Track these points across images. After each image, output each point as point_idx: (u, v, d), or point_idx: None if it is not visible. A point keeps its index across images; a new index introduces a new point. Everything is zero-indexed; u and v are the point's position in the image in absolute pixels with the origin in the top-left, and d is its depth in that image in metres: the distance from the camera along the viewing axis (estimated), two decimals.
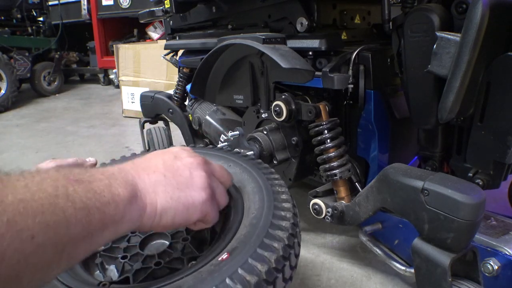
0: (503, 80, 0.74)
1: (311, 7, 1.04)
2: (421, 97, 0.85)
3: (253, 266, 0.49)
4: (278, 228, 0.57)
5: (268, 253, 0.52)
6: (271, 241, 0.54)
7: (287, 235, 0.56)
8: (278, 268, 0.52)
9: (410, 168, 0.75)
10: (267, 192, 0.66)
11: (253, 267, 0.49)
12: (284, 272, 0.54)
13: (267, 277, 0.49)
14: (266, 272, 0.49)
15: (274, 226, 0.57)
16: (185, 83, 1.65)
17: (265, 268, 0.50)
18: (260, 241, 0.53)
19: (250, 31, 1.24)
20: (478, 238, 0.83)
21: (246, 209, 0.64)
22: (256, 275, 0.49)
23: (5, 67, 3.67)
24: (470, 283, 0.71)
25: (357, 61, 0.97)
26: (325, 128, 0.95)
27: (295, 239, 0.58)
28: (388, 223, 1.03)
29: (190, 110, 1.56)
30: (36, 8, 4.77)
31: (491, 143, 0.78)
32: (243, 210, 0.65)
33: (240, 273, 0.48)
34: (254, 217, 0.60)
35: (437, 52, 0.75)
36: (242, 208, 0.65)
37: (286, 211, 0.61)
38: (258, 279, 0.48)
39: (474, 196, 0.65)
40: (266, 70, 1.07)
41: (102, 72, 4.93)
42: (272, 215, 0.59)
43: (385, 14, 0.96)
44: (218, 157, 0.82)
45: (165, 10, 1.44)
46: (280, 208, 0.61)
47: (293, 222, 0.60)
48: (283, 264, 0.53)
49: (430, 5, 0.79)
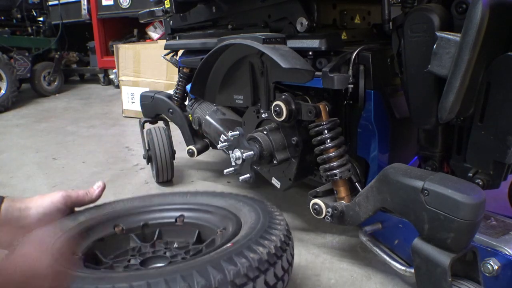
0: (503, 80, 0.74)
1: (311, 7, 1.04)
2: (421, 97, 0.85)
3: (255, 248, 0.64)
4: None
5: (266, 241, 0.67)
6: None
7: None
8: (277, 253, 0.67)
9: (410, 168, 0.76)
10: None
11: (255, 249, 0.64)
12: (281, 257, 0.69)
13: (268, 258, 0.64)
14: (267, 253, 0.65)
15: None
16: (185, 83, 1.65)
17: (266, 250, 0.65)
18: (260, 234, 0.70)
19: (250, 31, 1.24)
20: (478, 238, 0.83)
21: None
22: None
23: (5, 67, 3.67)
24: (470, 283, 0.71)
25: (357, 61, 0.97)
26: (325, 128, 0.95)
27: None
28: (388, 223, 1.03)
29: (190, 110, 1.56)
30: (36, 8, 4.77)
31: (491, 143, 0.78)
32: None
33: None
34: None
35: (437, 52, 0.75)
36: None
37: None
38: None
39: (474, 196, 0.65)
40: (266, 70, 1.07)
41: (102, 72, 4.92)
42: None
43: (385, 14, 0.96)
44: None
45: (165, 10, 1.44)
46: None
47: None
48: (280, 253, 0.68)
49: (430, 5, 0.79)
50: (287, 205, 1.48)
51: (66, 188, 1.72)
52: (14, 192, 1.69)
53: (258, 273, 0.61)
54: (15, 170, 1.96)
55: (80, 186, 1.75)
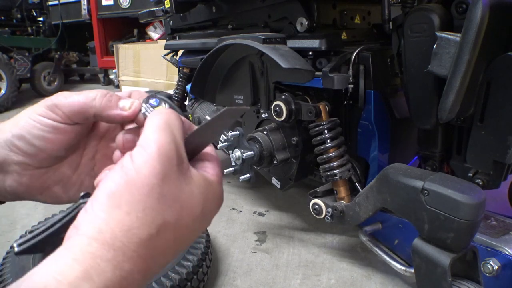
0: (503, 80, 0.74)
1: (311, 7, 1.04)
2: (421, 97, 0.85)
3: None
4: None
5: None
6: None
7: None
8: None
9: (410, 168, 0.76)
10: None
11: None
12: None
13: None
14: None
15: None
16: (185, 83, 1.65)
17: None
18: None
19: (250, 31, 1.24)
20: (478, 238, 0.83)
21: None
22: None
23: (5, 67, 3.67)
24: (470, 283, 0.71)
25: (357, 61, 0.97)
26: (325, 128, 0.95)
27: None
28: (388, 223, 1.03)
29: (190, 110, 1.56)
30: (36, 8, 4.77)
31: (491, 143, 0.78)
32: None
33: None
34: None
35: (437, 52, 0.75)
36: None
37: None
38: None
39: (474, 196, 0.65)
40: (266, 70, 1.07)
41: (102, 72, 4.92)
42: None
43: (385, 14, 0.96)
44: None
45: (165, 10, 1.45)
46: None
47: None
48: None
49: (430, 5, 0.79)
50: (287, 205, 1.48)
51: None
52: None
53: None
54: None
55: None
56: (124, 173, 0.30)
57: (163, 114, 0.34)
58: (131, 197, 0.29)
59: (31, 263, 0.97)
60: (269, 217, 1.41)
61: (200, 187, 0.34)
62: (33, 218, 1.42)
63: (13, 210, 1.52)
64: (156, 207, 0.30)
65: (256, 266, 1.12)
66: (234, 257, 1.17)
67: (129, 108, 0.39)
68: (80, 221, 0.29)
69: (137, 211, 0.29)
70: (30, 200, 0.42)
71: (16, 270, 0.94)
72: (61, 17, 4.72)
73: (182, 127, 0.35)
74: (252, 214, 1.43)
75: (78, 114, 0.39)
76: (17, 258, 0.99)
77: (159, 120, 0.33)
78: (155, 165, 0.30)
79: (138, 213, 0.29)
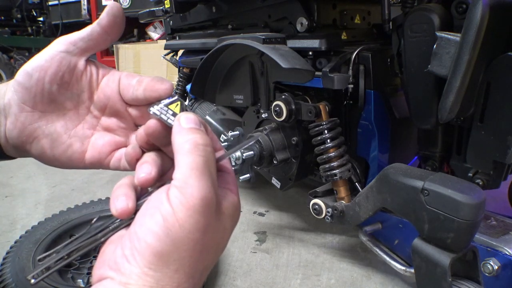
0: (503, 80, 0.74)
1: (311, 7, 1.04)
2: (421, 97, 0.85)
3: None
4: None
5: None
6: None
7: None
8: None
9: (410, 168, 0.76)
10: None
11: None
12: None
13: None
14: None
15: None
16: (185, 83, 1.65)
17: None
18: None
19: (250, 31, 1.24)
20: (478, 238, 0.83)
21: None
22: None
23: (5, 67, 3.67)
24: (470, 283, 0.71)
25: (357, 61, 0.97)
26: (325, 128, 0.95)
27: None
28: (388, 223, 1.03)
29: (190, 110, 1.56)
30: (36, 8, 4.78)
31: (491, 143, 0.78)
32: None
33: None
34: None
35: (437, 52, 0.75)
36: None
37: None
38: None
39: (474, 196, 0.65)
40: (266, 70, 1.07)
41: None
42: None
43: (385, 14, 0.96)
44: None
45: (165, 10, 1.45)
46: None
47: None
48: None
49: (430, 5, 0.79)
50: (287, 205, 1.48)
51: (66, 188, 1.73)
52: (13, 192, 1.70)
53: None
54: (15, 170, 1.96)
55: (80, 186, 1.75)
56: (167, 228, 0.30)
57: (200, 150, 0.32)
58: (178, 255, 0.30)
59: (31, 263, 0.97)
60: (269, 217, 1.41)
61: (230, 216, 0.35)
62: (33, 218, 1.42)
63: (13, 210, 1.52)
64: (200, 258, 0.32)
65: (256, 266, 1.12)
66: (234, 257, 1.17)
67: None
68: (127, 274, 0.30)
69: (184, 266, 0.31)
70: (20, 154, 0.43)
71: (16, 270, 0.94)
72: (61, 17, 4.72)
73: (213, 151, 0.34)
74: (252, 214, 1.43)
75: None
76: (17, 258, 0.99)
77: (199, 160, 0.32)
78: (199, 219, 0.31)
79: (185, 269, 0.31)
